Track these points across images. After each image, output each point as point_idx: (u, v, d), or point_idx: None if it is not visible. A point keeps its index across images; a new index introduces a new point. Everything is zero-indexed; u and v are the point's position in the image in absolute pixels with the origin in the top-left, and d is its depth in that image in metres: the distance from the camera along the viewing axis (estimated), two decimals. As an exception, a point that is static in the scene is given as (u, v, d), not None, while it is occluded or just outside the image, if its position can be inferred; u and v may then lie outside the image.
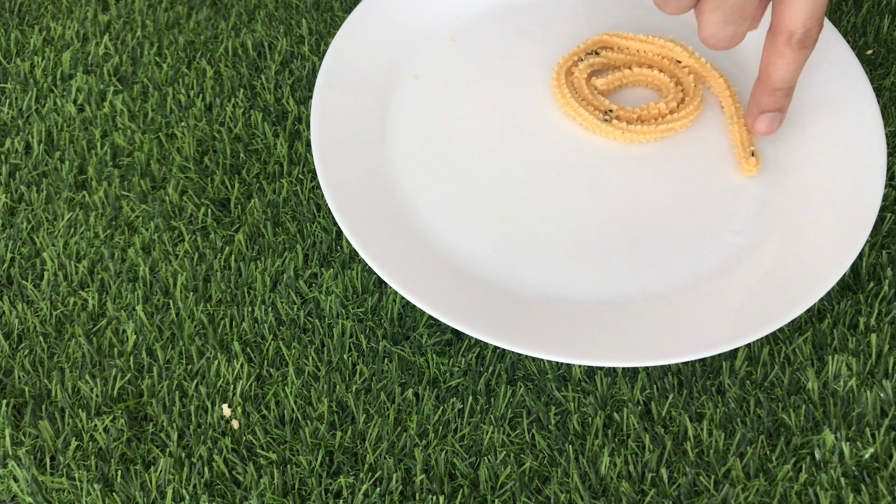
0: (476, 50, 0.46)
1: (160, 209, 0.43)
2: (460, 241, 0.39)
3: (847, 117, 0.42)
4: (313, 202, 0.43)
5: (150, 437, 0.36)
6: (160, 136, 0.46)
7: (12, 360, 0.39)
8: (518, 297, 0.37)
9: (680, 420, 0.36)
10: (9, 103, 0.48)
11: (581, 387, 0.37)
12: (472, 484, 0.35)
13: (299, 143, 0.45)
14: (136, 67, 0.49)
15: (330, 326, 0.39)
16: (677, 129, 0.42)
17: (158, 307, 0.40)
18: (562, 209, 0.40)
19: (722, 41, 0.35)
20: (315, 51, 0.49)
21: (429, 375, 0.38)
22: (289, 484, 0.35)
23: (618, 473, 0.35)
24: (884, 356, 0.38)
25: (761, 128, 0.40)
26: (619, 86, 0.44)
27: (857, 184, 0.39)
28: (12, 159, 0.45)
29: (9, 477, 0.35)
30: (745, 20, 0.35)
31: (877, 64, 0.48)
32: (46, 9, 0.53)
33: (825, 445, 0.35)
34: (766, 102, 0.39)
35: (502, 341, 0.35)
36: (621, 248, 0.39)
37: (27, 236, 0.42)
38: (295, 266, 0.41)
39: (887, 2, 0.51)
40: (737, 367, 0.38)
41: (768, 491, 0.35)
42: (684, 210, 0.40)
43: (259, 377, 0.38)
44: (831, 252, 0.37)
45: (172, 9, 0.52)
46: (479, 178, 0.41)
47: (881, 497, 0.34)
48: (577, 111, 0.42)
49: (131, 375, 0.38)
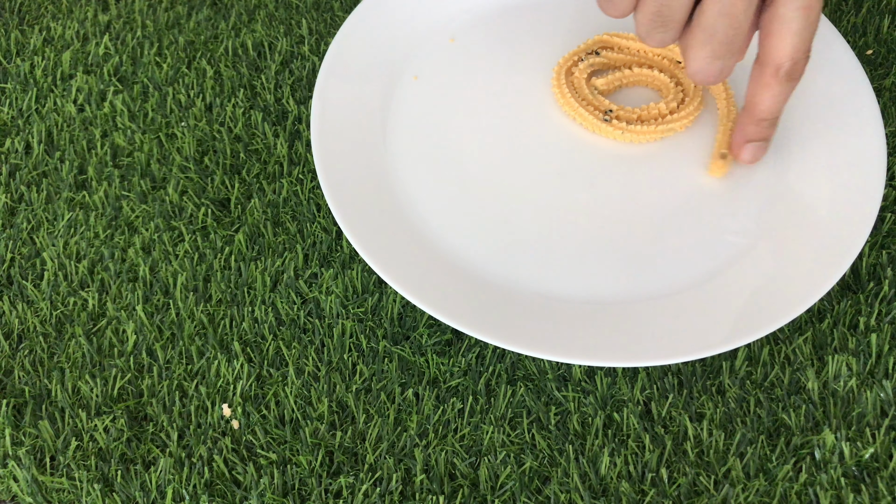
0: (476, 50, 0.46)
1: (160, 209, 0.43)
2: (460, 241, 0.39)
3: (847, 117, 0.42)
4: (313, 202, 0.43)
5: (150, 437, 0.36)
6: (160, 136, 0.46)
7: (12, 360, 0.39)
8: (518, 297, 0.37)
9: (680, 420, 0.36)
10: (9, 103, 0.48)
11: (581, 387, 0.37)
12: (472, 484, 0.35)
13: (299, 143, 0.45)
14: (136, 67, 0.49)
15: (330, 326, 0.39)
16: (677, 130, 0.42)
17: (158, 307, 0.40)
18: (562, 209, 0.40)
19: (711, 76, 0.35)
20: (315, 51, 0.49)
21: (429, 375, 0.38)
22: (289, 484, 0.35)
23: (618, 473, 0.35)
24: (884, 356, 0.38)
25: (746, 157, 0.40)
26: (619, 86, 0.44)
27: (857, 184, 0.39)
28: (12, 159, 0.45)
29: (9, 477, 0.35)
30: (733, 54, 0.34)
31: (877, 64, 0.48)
32: (46, 9, 0.53)
33: (825, 445, 0.35)
34: (751, 132, 0.39)
35: (502, 341, 0.35)
36: (621, 248, 0.39)
37: (27, 236, 0.42)
38: (295, 266, 0.41)
39: (887, 2, 0.51)
40: (737, 367, 0.38)
41: (768, 491, 0.35)
42: (684, 210, 0.40)
43: (259, 377, 0.38)
44: (831, 252, 0.37)
45: (172, 9, 0.52)
46: (479, 178, 0.41)
47: (881, 497, 0.34)
48: (577, 111, 0.42)
49: (131, 375, 0.38)
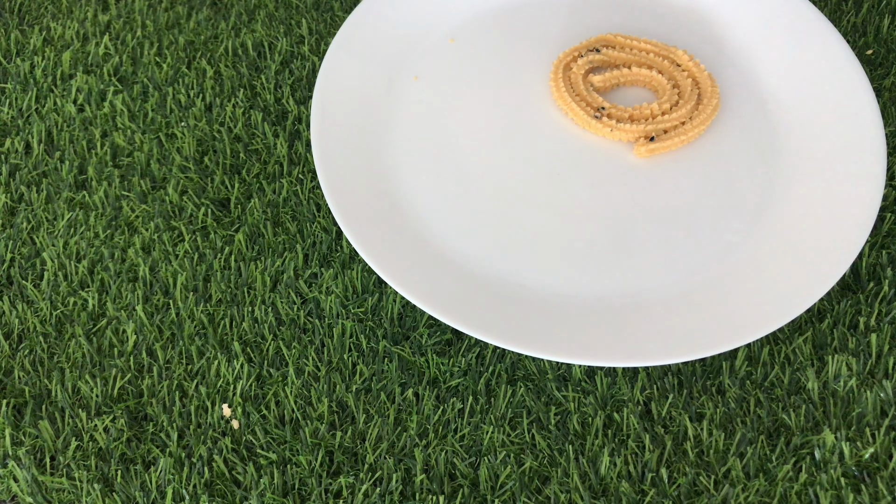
0: (476, 50, 0.46)
1: (160, 209, 0.43)
2: (460, 240, 0.39)
3: (847, 117, 0.42)
4: (313, 202, 0.43)
5: (150, 437, 0.36)
6: (160, 136, 0.46)
7: (12, 360, 0.39)
8: (518, 297, 0.37)
9: (680, 420, 0.36)
10: (9, 103, 0.48)
11: (581, 387, 0.37)
12: (472, 484, 0.35)
13: (299, 143, 0.45)
14: (136, 67, 0.49)
15: (330, 326, 0.39)
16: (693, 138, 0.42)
17: (158, 307, 0.40)
18: (562, 209, 0.40)
19: None
20: (315, 51, 0.49)
21: (429, 375, 0.38)
22: (289, 484, 0.35)
23: (618, 473, 0.35)
24: (884, 356, 0.38)
25: None
26: (615, 84, 0.44)
27: (857, 183, 0.39)
28: (12, 159, 0.45)
29: (9, 477, 0.35)
30: None
31: (877, 64, 0.48)
32: (46, 9, 0.53)
33: (825, 445, 0.35)
34: None
35: (502, 341, 0.35)
36: (621, 248, 0.39)
37: (27, 236, 0.42)
38: (295, 266, 0.41)
39: (887, 2, 0.51)
40: (737, 367, 0.38)
41: (768, 491, 0.35)
42: (684, 210, 0.40)
43: (259, 377, 0.38)
44: (831, 252, 0.37)
45: (172, 9, 0.52)
46: (479, 178, 0.41)
47: (881, 497, 0.34)
48: (570, 105, 0.42)
49: (131, 375, 0.38)
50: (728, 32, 0.46)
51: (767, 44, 0.45)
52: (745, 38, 0.46)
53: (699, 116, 0.42)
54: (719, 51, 0.46)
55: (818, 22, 0.45)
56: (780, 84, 0.44)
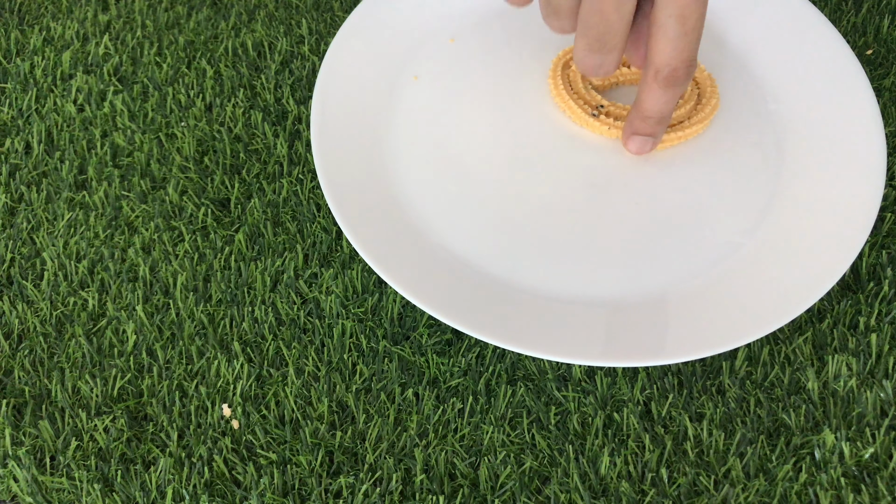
0: (476, 50, 0.46)
1: (160, 209, 0.43)
2: (460, 240, 0.39)
3: (847, 117, 0.42)
4: (313, 202, 0.43)
5: (150, 437, 0.36)
6: (160, 136, 0.46)
7: (12, 360, 0.39)
8: (518, 297, 0.37)
9: (680, 420, 0.36)
10: (9, 103, 0.48)
11: (581, 387, 0.37)
12: (472, 484, 0.35)
13: (299, 143, 0.45)
14: (136, 67, 0.49)
15: (330, 326, 0.39)
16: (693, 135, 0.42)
17: (158, 307, 0.40)
18: (563, 209, 0.40)
19: (589, 69, 0.35)
20: (315, 51, 0.49)
21: (429, 375, 0.38)
22: (289, 484, 0.35)
23: (618, 473, 0.35)
24: (884, 356, 0.38)
25: (632, 148, 0.41)
26: (614, 83, 0.44)
27: (857, 183, 0.39)
28: (12, 159, 0.45)
29: (9, 477, 0.35)
30: (609, 51, 0.34)
31: (877, 64, 0.48)
32: (46, 9, 0.53)
33: (825, 445, 0.35)
34: (637, 126, 0.39)
35: (502, 341, 0.35)
36: (621, 248, 0.39)
37: (27, 236, 0.42)
38: (295, 266, 0.41)
39: (887, 2, 0.51)
40: (737, 367, 0.38)
41: (768, 491, 0.35)
42: (684, 210, 0.40)
43: (259, 377, 0.38)
44: (831, 252, 0.37)
45: (172, 9, 0.52)
46: (479, 178, 0.41)
47: (881, 497, 0.34)
48: (567, 103, 0.42)
49: (131, 375, 0.38)
50: (728, 32, 0.46)
51: (767, 44, 0.45)
52: (745, 38, 0.46)
53: (698, 116, 0.42)
54: (719, 51, 0.46)
55: (818, 22, 0.45)
56: (780, 84, 0.44)
